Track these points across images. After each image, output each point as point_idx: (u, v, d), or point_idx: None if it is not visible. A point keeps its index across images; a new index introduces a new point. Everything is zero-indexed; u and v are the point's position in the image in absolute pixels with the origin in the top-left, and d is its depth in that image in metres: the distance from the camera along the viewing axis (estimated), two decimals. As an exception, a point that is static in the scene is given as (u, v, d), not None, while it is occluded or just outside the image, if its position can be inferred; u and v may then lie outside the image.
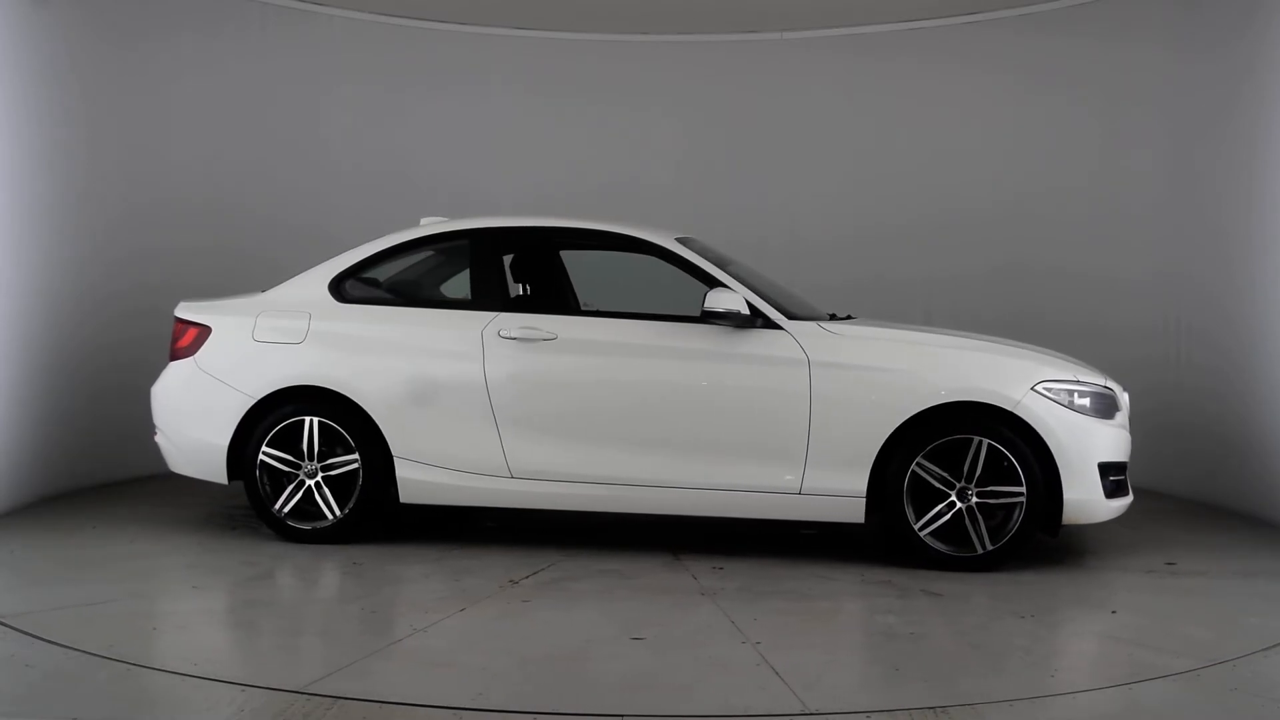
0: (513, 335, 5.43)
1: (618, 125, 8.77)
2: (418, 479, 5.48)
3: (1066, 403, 5.13)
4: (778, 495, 5.21)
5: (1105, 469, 5.15)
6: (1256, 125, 6.44)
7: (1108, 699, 3.64)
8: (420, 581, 5.05)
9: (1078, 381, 5.22)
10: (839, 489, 5.17)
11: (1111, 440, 5.24)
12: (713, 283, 5.40)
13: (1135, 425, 5.54)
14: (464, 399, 5.42)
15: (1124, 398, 5.42)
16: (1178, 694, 3.71)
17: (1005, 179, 7.99)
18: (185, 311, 5.85)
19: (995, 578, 5.05)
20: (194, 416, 5.71)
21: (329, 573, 5.20)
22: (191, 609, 4.70)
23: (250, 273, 7.71)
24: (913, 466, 5.13)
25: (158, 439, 5.89)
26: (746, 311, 5.27)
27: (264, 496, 5.58)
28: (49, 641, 4.02)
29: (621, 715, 3.44)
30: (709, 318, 5.27)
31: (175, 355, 5.81)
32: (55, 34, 6.49)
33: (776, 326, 5.31)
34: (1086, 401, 5.19)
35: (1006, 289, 7.94)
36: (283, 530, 5.60)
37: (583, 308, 6.19)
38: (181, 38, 7.49)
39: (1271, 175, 6.29)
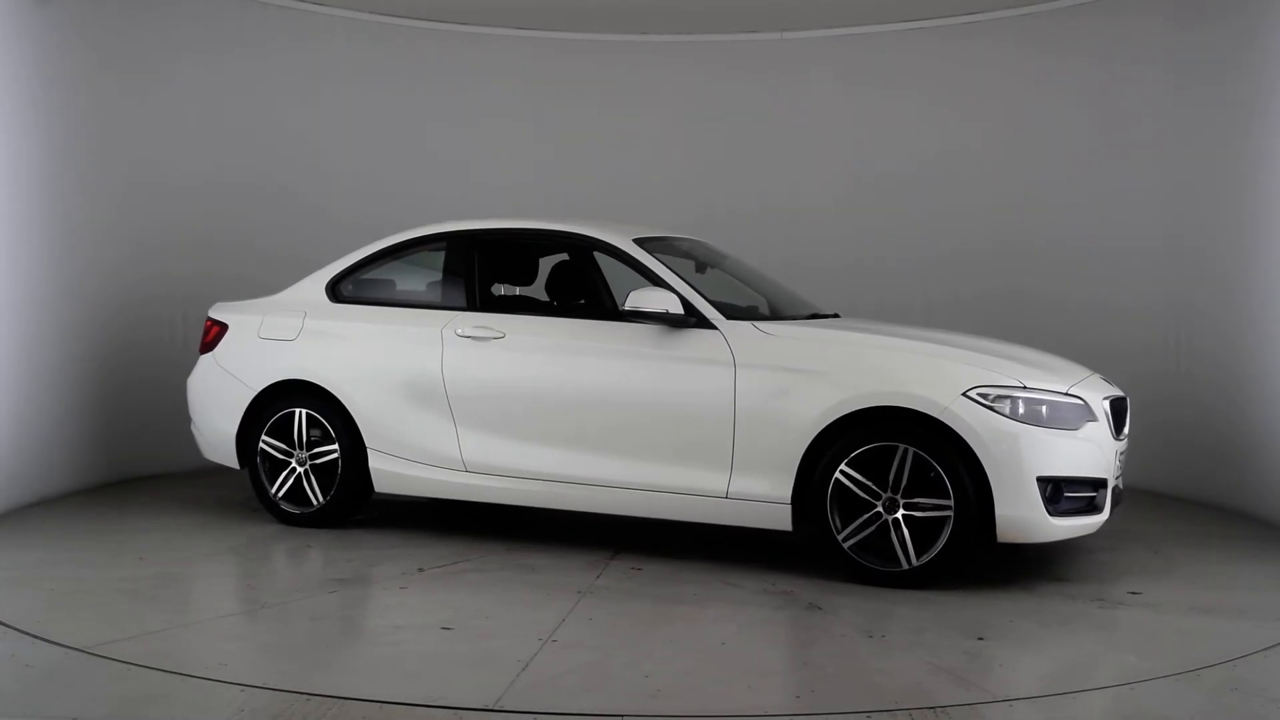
0: (467, 334, 5.59)
1: (618, 125, 8.78)
2: (388, 470, 5.74)
3: (1006, 410, 4.71)
4: (705, 499, 5.09)
5: (1057, 484, 4.74)
6: (1251, 118, 6.46)
7: (1108, 699, 3.65)
8: (339, 564, 5.27)
9: (1024, 387, 4.78)
10: (764, 495, 4.98)
11: (1066, 453, 4.77)
12: (659, 282, 5.33)
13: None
14: (425, 394, 5.62)
15: (1101, 406, 4.98)
16: (1178, 694, 3.70)
17: (1005, 178, 7.99)
18: (214, 311, 6.33)
19: (911, 596, 4.72)
20: (213, 407, 6.17)
21: (269, 551, 5.56)
22: (101, 575, 5.03)
23: (248, 271, 7.77)
24: (836, 474, 4.85)
25: (192, 428, 6.36)
26: (677, 311, 5.16)
27: (264, 481, 5.98)
28: (49, 641, 4.03)
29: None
30: (629, 317, 5.24)
31: (203, 351, 6.29)
32: (55, 33, 6.48)
33: (711, 326, 5.18)
34: (1040, 410, 4.76)
35: (1007, 281, 7.94)
36: (278, 513, 5.99)
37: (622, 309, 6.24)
38: (181, 37, 7.48)
39: (1271, 172, 6.31)
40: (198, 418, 6.28)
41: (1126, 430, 5.28)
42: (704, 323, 5.19)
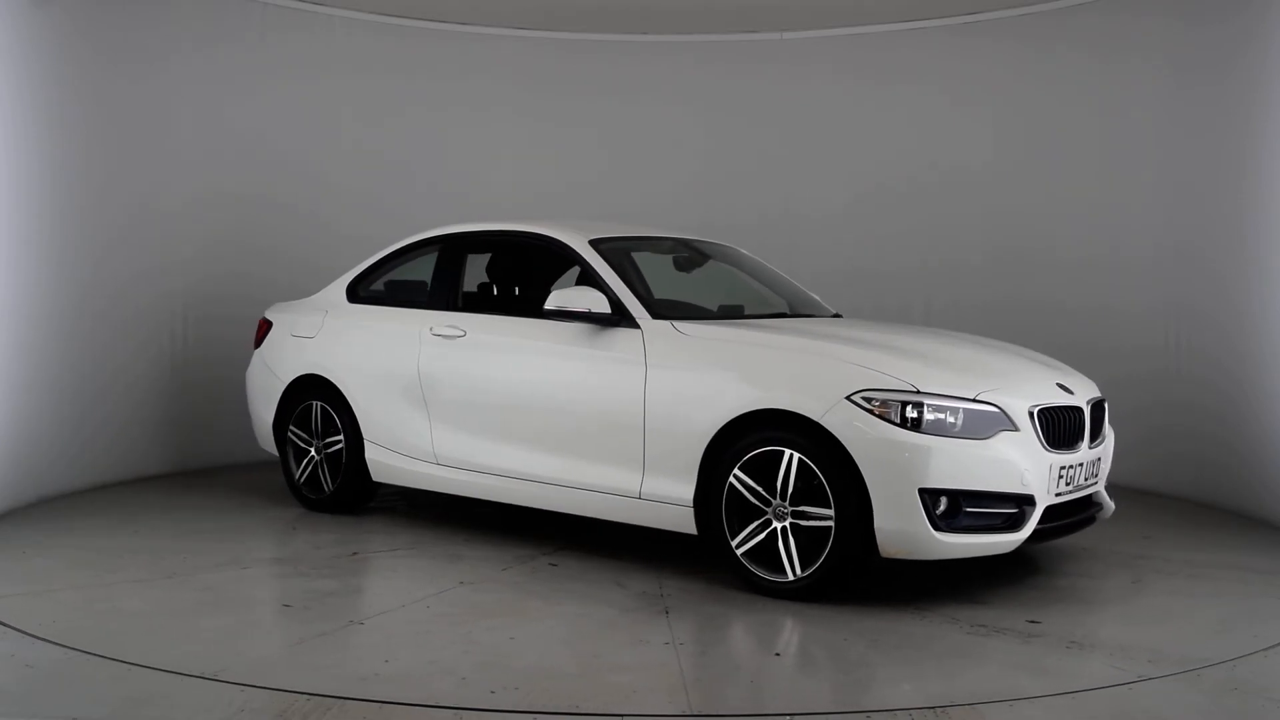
0: (439, 333, 5.79)
1: (618, 125, 8.78)
2: (380, 461, 6.02)
3: (894, 416, 4.41)
4: (622, 499, 5.06)
5: (954, 498, 4.41)
6: (1251, 121, 6.46)
7: (1108, 699, 3.64)
8: (290, 545, 5.66)
9: (916, 391, 4.43)
10: (671, 497, 4.89)
11: (965, 464, 4.40)
12: (598, 280, 5.35)
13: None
14: (408, 390, 5.84)
15: (1026, 415, 4.59)
16: (1178, 694, 3.70)
17: (1005, 178, 7.98)
18: (267, 311, 6.77)
19: (785, 608, 4.53)
20: (259, 399, 6.61)
21: (250, 531, 5.93)
22: (78, 541, 5.60)
23: (249, 271, 7.77)
24: (730, 479, 4.70)
25: (252, 420, 6.78)
26: (601, 310, 5.15)
27: (292, 467, 6.41)
28: (49, 641, 4.04)
29: (623, 715, 3.46)
30: (549, 315, 5.27)
31: (255, 347, 6.72)
32: (55, 35, 6.47)
33: (636, 326, 5.13)
34: (939, 416, 4.42)
35: (1007, 276, 7.93)
36: (300, 498, 6.42)
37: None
38: (181, 36, 7.47)
39: (1271, 172, 6.31)
40: (250, 409, 6.73)
41: (1086, 442, 4.90)
42: (632, 322, 5.16)
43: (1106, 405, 5.30)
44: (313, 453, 6.29)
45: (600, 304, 5.17)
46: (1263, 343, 6.34)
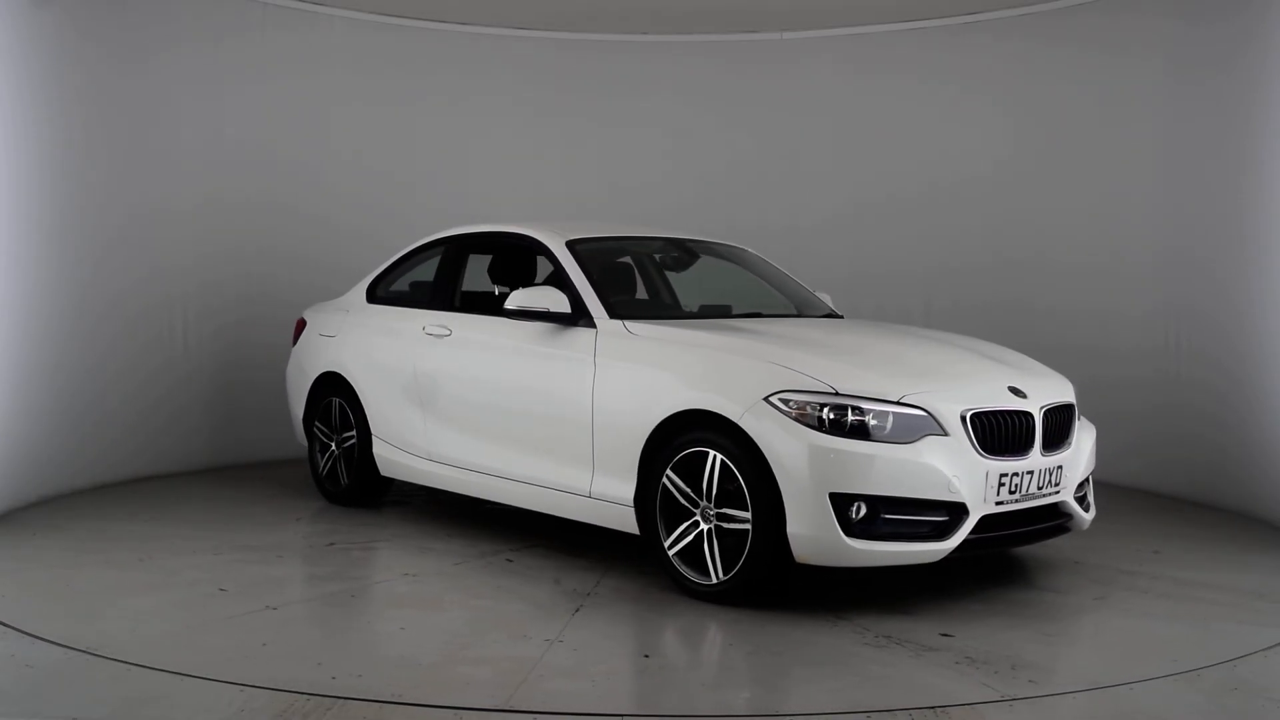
0: (431, 332, 5.92)
1: (617, 125, 8.78)
2: (385, 456, 6.17)
3: (810, 418, 4.30)
4: (575, 497, 5.09)
5: (873, 503, 4.25)
6: (1251, 121, 6.46)
7: (1107, 699, 3.65)
8: (281, 535, 5.84)
9: (834, 393, 4.32)
10: (615, 496, 4.89)
11: (882, 469, 4.24)
12: (565, 279, 5.36)
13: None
14: (406, 387, 5.98)
15: (957, 419, 4.39)
16: (1178, 694, 3.71)
17: (1006, 178, 7.99)
18: (305, 311, 6.96)
19: (703, 609, 4.48)
20: (293, 395, 6.84)
21: (246, 521, 6.08)
22: (77, 524, 5.87)
23: (249, 271, 7.77)
24: (663, 479, 4.66)
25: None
26: (560, 309, 5.18)
27: (317, 459, 6.63)
28: (49, 641, 4.04)
29: (623, 715, 3.45)
30: (510, 314, 5.33)
31: (293, 345, 6.93)
32: (55, 35, 6.47)
33: (594, 325, 5.15)
34: (859, 419, 4.29)
35: (1007, 277, 7.93)
36: (322, 491, 6.62)
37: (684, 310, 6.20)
38: (181, 36, 7.46)
39: (1270, 173, 6.31)
40: (290, 405, 6.89)
41: (1039, 448, 4.63)
42: (590, 321, 5.18)
43: (1075, 410, 5.02)
44: (332, 447, 6.47)
45: (560, 304, 5.19)
46: (1263, 343, 6.34)
